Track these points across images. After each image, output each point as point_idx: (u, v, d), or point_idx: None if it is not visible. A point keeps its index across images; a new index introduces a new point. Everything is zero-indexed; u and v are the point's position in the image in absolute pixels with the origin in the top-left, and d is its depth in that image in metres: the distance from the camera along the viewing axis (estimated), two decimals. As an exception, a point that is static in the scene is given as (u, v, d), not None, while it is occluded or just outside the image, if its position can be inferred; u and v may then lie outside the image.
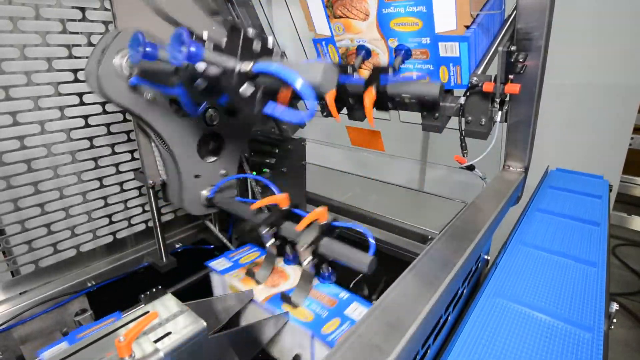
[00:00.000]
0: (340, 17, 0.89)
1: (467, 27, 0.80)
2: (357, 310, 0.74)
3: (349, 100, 0.85)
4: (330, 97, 0.57)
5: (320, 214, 0.77)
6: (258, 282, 0.82)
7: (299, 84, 0.52)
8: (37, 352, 0.79)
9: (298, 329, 0.71)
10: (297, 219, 0.79)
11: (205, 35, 0.58)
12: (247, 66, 0.57)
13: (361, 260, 0.67)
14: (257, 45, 0.60)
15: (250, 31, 0.59)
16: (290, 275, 0.85)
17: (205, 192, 0.98)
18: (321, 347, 0.69)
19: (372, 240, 0.72)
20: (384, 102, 0.79)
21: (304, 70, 0.54)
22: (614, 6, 1.46)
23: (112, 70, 0.74)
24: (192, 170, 0.94)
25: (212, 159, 0.98)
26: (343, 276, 0.84)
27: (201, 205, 0.99)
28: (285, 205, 0.84)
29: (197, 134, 0.93)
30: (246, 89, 0.57)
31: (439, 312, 0.53)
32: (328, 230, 0.76)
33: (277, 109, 0.58)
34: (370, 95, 0.76)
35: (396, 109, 0.97)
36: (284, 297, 0.76)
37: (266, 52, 0.61)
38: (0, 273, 0.90)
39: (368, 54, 0.90)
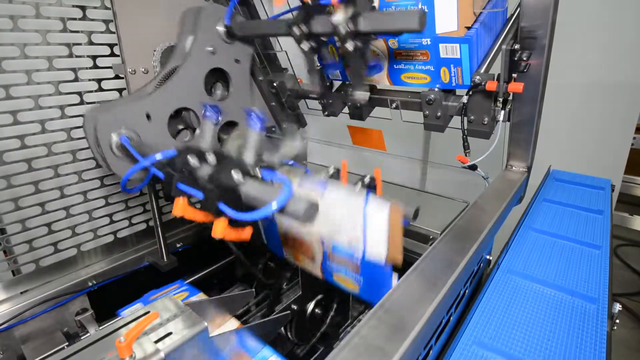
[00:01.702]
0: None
1: (468, 28, 0.79)
2: None
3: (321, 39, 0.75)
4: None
5: None
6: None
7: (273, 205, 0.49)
8: (118, 311, 0.83)
9: None
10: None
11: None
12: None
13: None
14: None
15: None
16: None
17: None
18: None
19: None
20: (361, 37, 0.69)
21: (291, 203, 0.50)
22: (616, 6, 1.45)
23: (113, 152, 0.77)
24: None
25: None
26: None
27: None
28: None
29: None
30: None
31: (441, 313, 0.52)
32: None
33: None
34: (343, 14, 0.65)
35: (396, 107, 0.96)
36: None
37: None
38: (0, 272, 0.90)
39: None
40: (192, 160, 0.60)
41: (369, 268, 0.70)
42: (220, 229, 0.54)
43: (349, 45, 0.67)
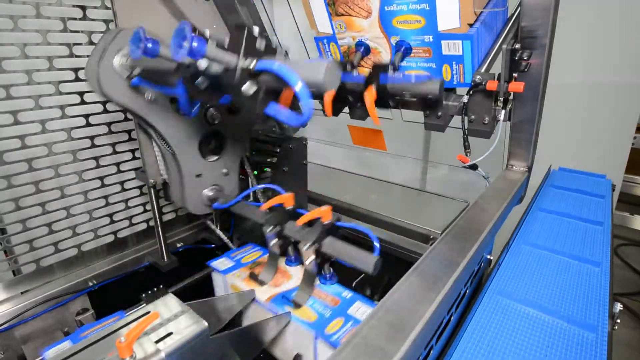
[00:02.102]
0: (342, 14, 0.89)
1: (471, 25, 0.79)
2: (360, 309, 0.74)
3: (348, 98, 0.84)
4: (329, 96, 0.57)
5: (324, 213, 0.76)
6: (262, 284, 0.82)
7: (298, 86, 0.51)
8: (40, 351, 0.80)
9: (301, 329, 0.71)
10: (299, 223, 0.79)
11: (207, 34, 0.57)
12: (249, 63, 0.56)
13: (366, 261, 0.67)
14: (260, 44, 0.59)
15: (255, 29, 0.58)
16: (293, 275, 0.85)
17: (207, 192, 0.98)
18: (324, 348, 0.68)
19: (376, 244, 0.72)
20: (385, 100, 0.78)
21: (307, 69, 0.53)
22: (617, 4, 1.45)
23: (113, 70, 0.74)
24: (194, 170, 0.94)
25: (214, 158, 0.98)
26: (344, 277, 0.84)
27: (203, 204, 0.99)
28: (290, 205, 0.83)
29: (198, 133, 0.92)
30: (248, 88, 0.57)
31: (442, 313, 0.52)
32: (332, 230, 0.76)
33: (278, 111, 0.57)
34: (371, 94, 0.76)
35: (397, 108, 0.96)
36: (287, 298, 0.76)
37: (270, 51, 0.60)
38: (1, 272, 0.90)
39: (367, 50, 0.89)
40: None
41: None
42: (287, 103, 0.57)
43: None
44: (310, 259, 0.74)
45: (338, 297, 0.77)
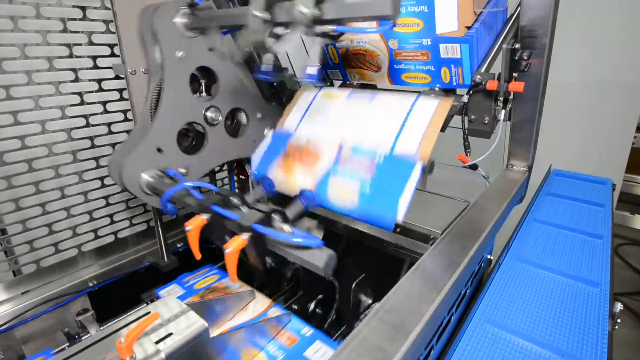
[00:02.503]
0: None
1: (469, 28, 0.79)
2: (319, 350, 0.67)
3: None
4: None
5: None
6: None
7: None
8: (155, 290, 0.86)
9: None
10: None
11: None
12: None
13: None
14: None
15: None
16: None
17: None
18: None
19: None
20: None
21: (306, 256, 0.51)
22: (617, 4, 1.45)
23: (136, 180, 0.76)
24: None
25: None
26: (344, 275, 0.84)
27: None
28: None
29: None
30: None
31: (442, 313, 0.52)
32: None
33: None
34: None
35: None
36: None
37: None
38: (1, 273, 0.90)
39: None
40: (235, 200, 0.61)
41: (389, 164, 0.69)
42: (236, 245, 0.55)
43: (308, 30, 0.58)
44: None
45: (296, 335, 0.71)
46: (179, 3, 0.80)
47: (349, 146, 0.76)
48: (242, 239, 0.55)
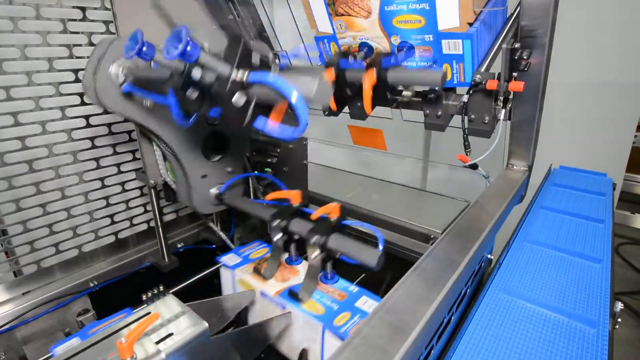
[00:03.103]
0: (342, 14, 0.89)
1: (470, 24, 0.79)
2: (367, 303, 0.74)
3: (347, 89, 0.80)
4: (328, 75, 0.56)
5: (332, 209, 0.76)
6: (265, 278, 0.82)
7: (294, 97, 0.51)
8: (50, 347, 0.80)
9: (309, 322, 0.71)
10: (306, 217, 0.79)
11: (206, 46, 0.57)
12: (242, 75, 0.56)
13: (370, 255, 0.67)
14: (255, 58, 0.59)
15: (252, 43, 0.58)
16: (300, 271, 0.85)
17: (214, 191, 0.99)
18: (332, 340, 0.68)
19: (380, 241, 0.72)
20: (384, 88, 0.75)
21: (298, 83, 0.52)
22: (617, 4, 1.45)
23: (109, 80, 0.74)
24: (199, 171, 0.95)
25: (217, 157, 0.99)
26: (345, 276, 0.84)
27: (210, 203, 1.00)
28: (297, 202, 0.83)
29: (200, 136, 0.92)
30: (239, 99, 0.56)
31: (443, 313, 0.52)
32: (338, 227, 0.76)
33: (267, 125, 0.56)
34: (370, 78, 0.72)
35: (397, 106, 0.96)
36: (292, 294, 0.76)
37: (265, 66, 0.59)
38: (2, 273, 0.90)
39: (370, 50, 0.89)
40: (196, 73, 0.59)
41: None
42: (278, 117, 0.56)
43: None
44: (315, 253, 0.74)
45: (345, 292, 0.77)
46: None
47: None
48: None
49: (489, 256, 0.86)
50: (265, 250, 0.95)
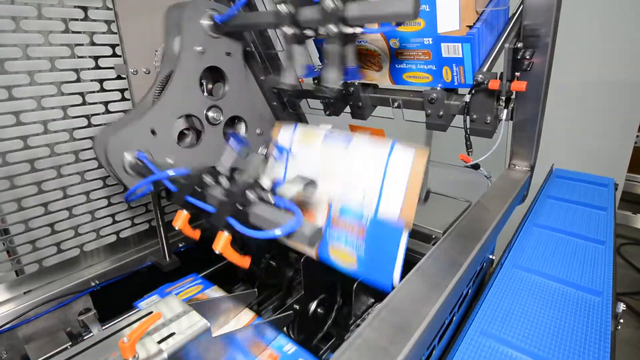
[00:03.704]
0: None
1: (470, 27, 0.79)
2: None
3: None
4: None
5: None
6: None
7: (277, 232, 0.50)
8: (134, 303, 0.85)
9: None
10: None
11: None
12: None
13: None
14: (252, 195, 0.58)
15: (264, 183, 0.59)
16: None
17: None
18: None
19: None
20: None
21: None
22: (619, 4, 1.44)
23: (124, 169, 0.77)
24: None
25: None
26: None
27: None
28: None
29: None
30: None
31: (445, 313, 0.52)
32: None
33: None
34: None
35: (398, 106, 0.96)
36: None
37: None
38: (4, 272, 0.90)
39: None
40: (207, 179, 0.62)
41: (377, 229, 0.70)
42: (222, 243, 0.56)
43: (333, 27, 0.61)
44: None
45: (278, 352, 0.70)
46: (206, 5, 0.83)
47: (337, 207, 0.77)
48: (226, 236, 0.55)
49: (490, 256, 0.86)
50: (199, 287, 0.90)
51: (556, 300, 0.60)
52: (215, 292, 0.88)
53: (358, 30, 0.62)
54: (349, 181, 0.77)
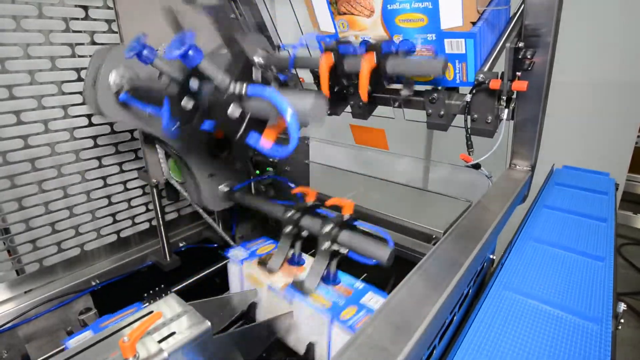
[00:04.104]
0: (345, 13, 0.88)
1: (473, 23, 0.79)
2: (372, 299, 0.74)
3: (344, 77, 0.77)
4: (324, 67, 0.55)
5: (346, 204, 0.77)
6: (270, 271, 0.82)
7: (288, 115, 0.50)
8: (62, 340, 0.78)
9: (316, 315, 0.71)
10: (317, 215, 0.79)
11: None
12: (240, 87, 0.55)
13: (381, 250, 0.66)
14: (257, 75, 0.58)
15: (256, 59, 0.58)
16: (306, 269, 0.85)
17: (222, 188, 0.99)
18: (340, 333, 0.69)
19: (389, 242, 0.72)
20: (382, 76, 0.72)
21: (294, 99, 0.52)
22: (621, 3, 1.44)
23: (109, 90, 0.74)
24: (205, 170, 0.95)
25: (224, 155, 0.98)
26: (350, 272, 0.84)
27: (220, 200, 1.00)
28: (311, 199, 0.84)
29: (204, 136, 0.92)
30: (234, 111, 0.56)
31: (445, 313, 0.52)
32: (349, 225, 0.76)
33: (259, 141, 0.56)
34: (369, 62, 0.69)
35: (399, 105, 0.96)
36: (296, 284, 0.76)
37: (265, 83, 0.60)
38: (5, 272, 0.90)
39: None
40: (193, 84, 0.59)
41: None
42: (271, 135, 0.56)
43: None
44: (326, 244, 0.73)
45: (350, 288, 0.78)
46: None
47: None
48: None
49: (491, 256, 0.86)
50: (271, 246, 0.95)
51: (550, 329, 0.56)
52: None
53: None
54: None
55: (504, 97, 0.78)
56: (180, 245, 1.20)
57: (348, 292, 0.76)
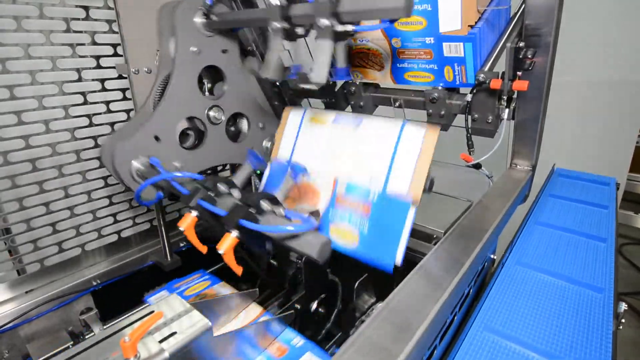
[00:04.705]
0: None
1: (472, 26, 0.79)
2: None
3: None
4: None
5: None
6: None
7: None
8: (144, 298, 0.87)
9: None
10: None
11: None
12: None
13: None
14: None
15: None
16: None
17: None
18: None
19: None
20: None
21: (300, 242, 0.51)
22: (620, 4, 1.44)
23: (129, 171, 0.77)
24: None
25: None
26: (346, 273, 0.84)
27: None
28: None
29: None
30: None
31: (446, 313, 0.52)
32: None
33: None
34: None
35: (399, 105, 0.96)
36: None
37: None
38: (5, 272, 0.90)
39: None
40: (222, 187, 0.63)
41: (384, 204, 0.70)
42: (228, 244, 0.56)
43: (325, 21, 0.59)
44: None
45: (286, 345, 0.70)
46: (198, 2, 0.82)
47: (343, 183, 0.78)
48: (232, 237, 0.55)
49: (492, 256, 0.86)
50: (206, 283, 0.90)
51: (558, 297, 0.60)
52: (223, 288, 0.89)
53: (349, 27, 0.61)
54: (358, 159, 0.77)
55: (505, 97, 0.78)
56: (181, 245, 1.20)
57: (282, 351, 0.67)
